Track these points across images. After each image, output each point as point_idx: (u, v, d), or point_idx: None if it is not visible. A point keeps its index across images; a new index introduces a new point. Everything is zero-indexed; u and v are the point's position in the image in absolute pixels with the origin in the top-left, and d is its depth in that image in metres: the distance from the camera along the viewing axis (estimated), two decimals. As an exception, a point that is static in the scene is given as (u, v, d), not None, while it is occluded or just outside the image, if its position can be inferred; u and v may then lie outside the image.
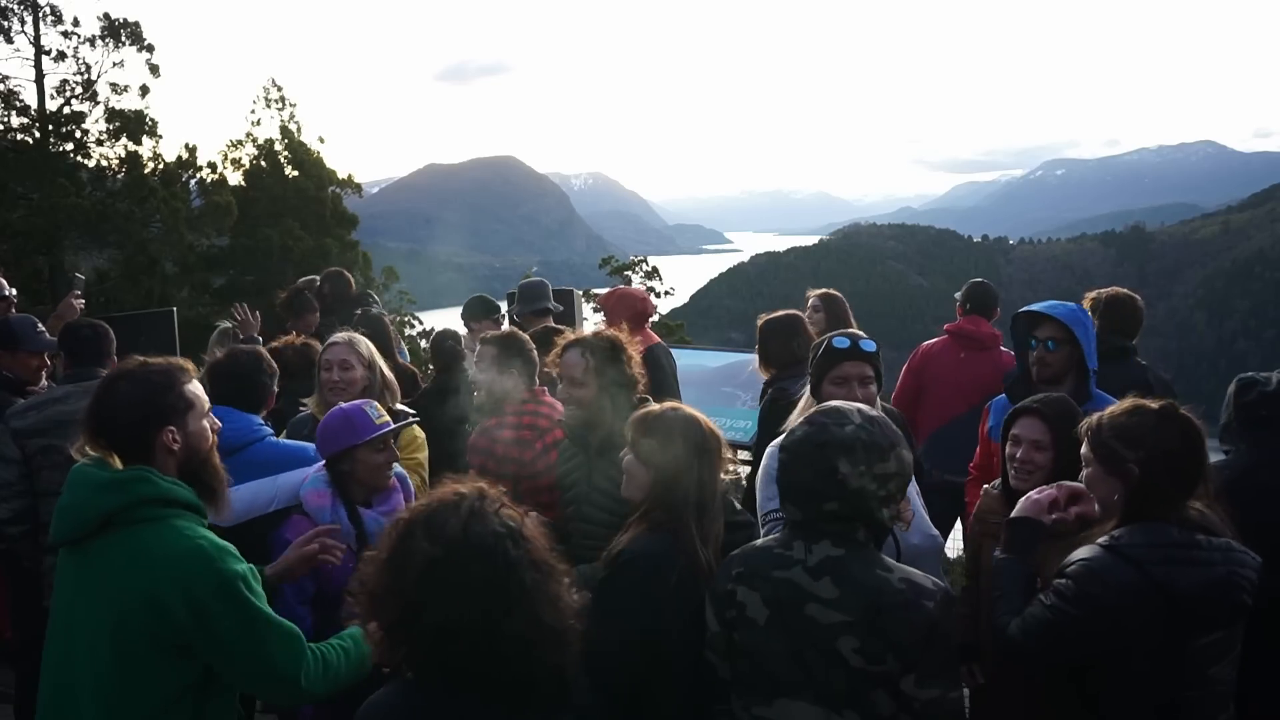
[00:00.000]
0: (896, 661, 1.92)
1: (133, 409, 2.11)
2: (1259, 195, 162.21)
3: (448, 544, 1.60)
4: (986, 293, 5.34)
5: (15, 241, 20.19)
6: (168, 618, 1.98)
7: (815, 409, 2.15)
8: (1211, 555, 2.10)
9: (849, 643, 1.94)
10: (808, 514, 2.04)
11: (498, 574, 1.60)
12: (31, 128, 21.28)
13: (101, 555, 2.05)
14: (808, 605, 1.99)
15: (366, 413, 2.97)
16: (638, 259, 33.00)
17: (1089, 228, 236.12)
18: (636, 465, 2.47)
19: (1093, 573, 2.11)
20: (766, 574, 2.06)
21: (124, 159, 22.03)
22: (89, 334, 3.82)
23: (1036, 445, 2.74)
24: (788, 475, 2.08)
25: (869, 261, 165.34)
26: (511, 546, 1.63)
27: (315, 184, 25.86)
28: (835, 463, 1.99)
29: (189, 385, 2.21)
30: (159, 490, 2.07)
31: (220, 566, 2.01)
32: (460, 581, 1.58)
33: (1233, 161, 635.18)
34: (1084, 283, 66.13)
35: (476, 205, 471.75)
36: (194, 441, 2.19)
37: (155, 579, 1.98)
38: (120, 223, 20.75)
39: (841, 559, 2.00)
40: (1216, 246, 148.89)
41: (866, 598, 1.95)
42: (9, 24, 21.05)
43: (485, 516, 1.65)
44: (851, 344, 2.96)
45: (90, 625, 2.05)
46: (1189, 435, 2.18)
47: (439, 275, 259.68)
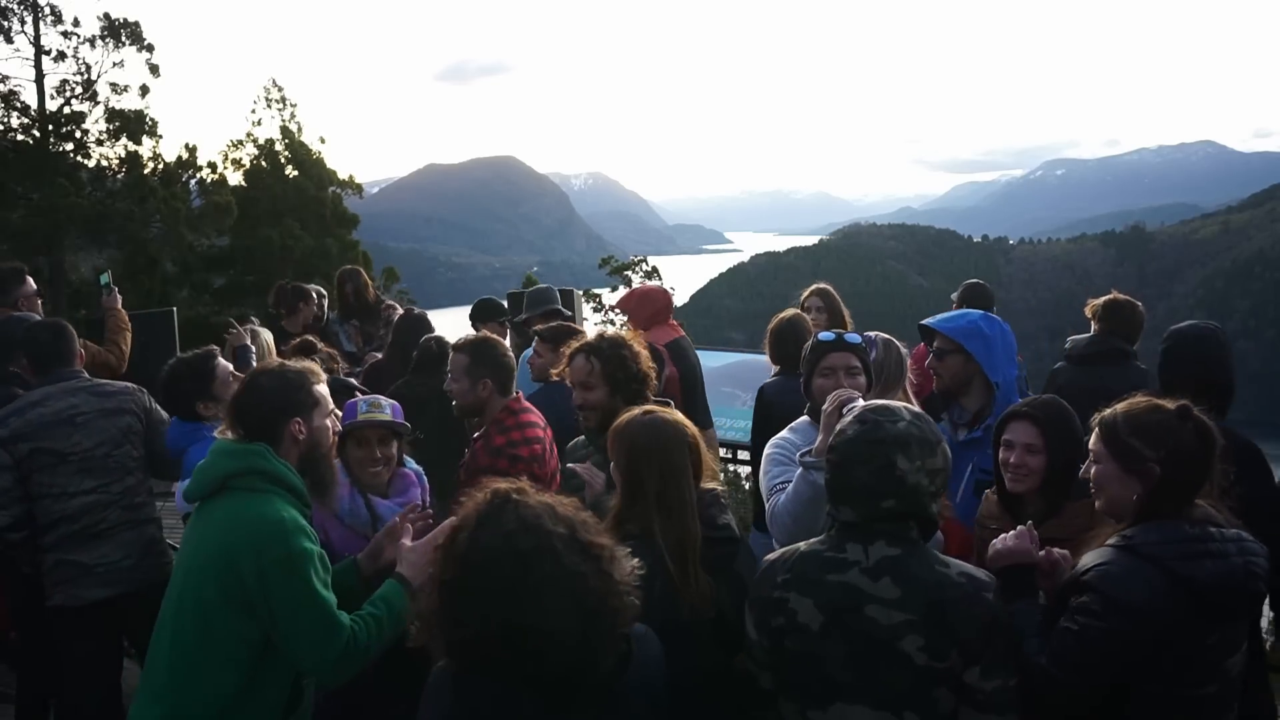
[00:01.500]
0: (960, 656, 1.93)
1: (269, 400, 2.44)
2: (1259, 195, 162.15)
3: (456, 561, 1.69)
4: (982, 293, 5.38)
5: (15, 241, 20.19)
6: (237, 573, 2.23)
7: (863, 407, 2.12)
8: (1226, 547, 2.10)
9: (914, 641, 1.93)
10: (863, 513, 2.01)
11: (505, 572, 1.63)
12: (31, 128, 21.28)
13: (212, 513, 2.35)
14: (868, 607, 1.97)
15: (356, 406, 3.05)
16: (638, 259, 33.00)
17: (1089, 228, 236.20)
18: (616, 473, 2.48)
19: (1114, 577, 2.08)
20: (819, 579, 2.02)
21: (124, 159, 22.04)
22: (48, 338, 3.75)
23: (1029, 449, 2.73)
24: (842, 475, 2.04)
25: (869, 261, 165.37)
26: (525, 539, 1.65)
27: (315, 184, 25.87)
28: (893, 459, 1.99)
29: (318, 386, 2.54)
30: (270, 465, 2.36)
31: (293, 541, 2.26)
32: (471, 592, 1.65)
33: (1233, 161, 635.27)
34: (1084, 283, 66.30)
35: (476, 205, 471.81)
36: (317, 436, 2.49)
37: (237, 537, 2.25)
38: (120, 223, 20.75)
39: (899, 558, 1.99)
40: (1216, 246, 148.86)
41: (929, 595, 1.94)
42: (9, 24, 21.05)
43: (495, 519, 1.69)
44: (836, 336, 3.08)
45: (184, 569, 2.35)
46: (1205, 436, 2.18)
47: (439, 275, 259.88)
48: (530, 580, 1.62)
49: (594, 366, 3.14)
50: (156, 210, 21.28)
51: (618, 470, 2.44)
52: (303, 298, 6.35)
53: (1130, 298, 4.56)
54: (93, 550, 3.51)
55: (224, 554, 2.25)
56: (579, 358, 3.20)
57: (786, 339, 4.56)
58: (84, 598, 3.49)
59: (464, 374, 3.59)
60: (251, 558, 2.22)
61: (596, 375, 3.13)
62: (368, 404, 3.07)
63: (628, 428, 2.45)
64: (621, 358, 3.15)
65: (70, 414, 3.56)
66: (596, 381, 3.13)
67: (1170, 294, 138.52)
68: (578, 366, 3.19)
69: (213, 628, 2.26)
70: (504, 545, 1.65)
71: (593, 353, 3.17)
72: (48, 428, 3.52)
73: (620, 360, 3.14)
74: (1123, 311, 4.44)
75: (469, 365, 3.58)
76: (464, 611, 1.64)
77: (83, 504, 3.52)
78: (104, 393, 3.67)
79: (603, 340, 3.22)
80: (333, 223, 25.83)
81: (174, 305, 12.10)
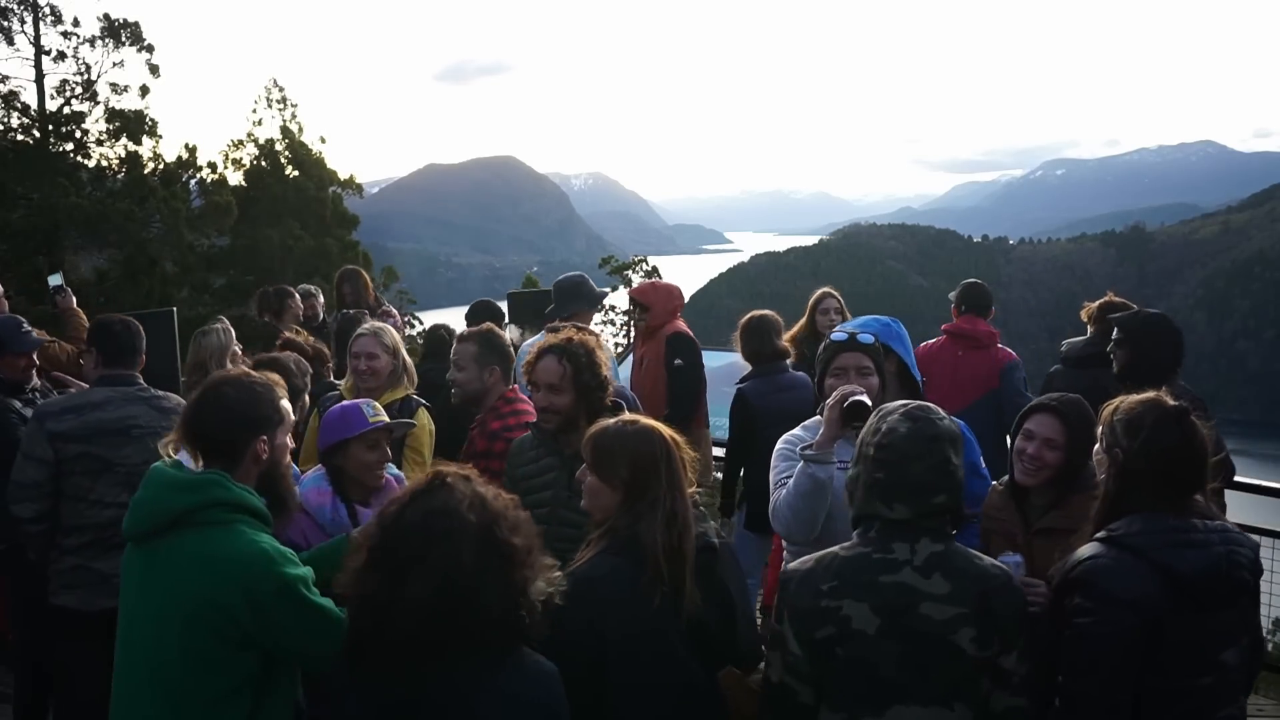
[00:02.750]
0: (1000, 642, 2.01)
1: (234, 414, 2.25)
2: (1259, 195, 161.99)
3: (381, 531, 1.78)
4: (981, 292, 5.39)
5: (15, 241, 20.21)
6: (232, 616, 2.09)
7: (903, 407, 2.13)
8: (1209, 536, 2.14)
9: (967, 634, 1.98)
10: (917, 510, 2.04)
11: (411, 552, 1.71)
12: (31, 128, 21.28)
13: (170, 553, 2.15)
14: (923, 605, 2.00)
15: (362, 410, 3.02)
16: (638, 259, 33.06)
17: (1089, 228, 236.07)
18: (599, 485, 2.33)
19: (1101, 571, 2.12)
20: (871, 581, 2.02)
21: (124, 159, 22.05)
22: (122, 330, 3.74)
23: (1049, 444, 2.74)
24: (898, 472, 2.05)
25: (869, 261, 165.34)
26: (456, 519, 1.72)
27: (316, 184, 25.87)
28: (948, 454, 2.05)
29: (283, 400, 2.37)
30: (230, 495, 2.18)
31: (280, 570, 2.13)
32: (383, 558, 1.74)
33: (1233, 161, 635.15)
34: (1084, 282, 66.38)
35: (476, 205, 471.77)
36: (278, 454, 2.33)
37: (220, 581, 2.09)
38: (120, 223, 20.72)
39: (944, 554, 2.04)
40: (1216, 246, 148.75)
41: (977, 586, 2.01)
42: (9, 24, 21.05)
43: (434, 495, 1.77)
44: (849, 336, 3.02)
45: (154, 620, 2.15)
46: (1190, 437, 2.20)
47: (439, 275, 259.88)
48: (428, 559, 1.69)
49: (566, 370, 3.04)
50: (156, 210, 21.28)
51: (609, 477, 2.31)
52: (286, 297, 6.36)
53: (1125, 300, 4.58)
54: (113, 560, 3.42)
55: (208, 599, 2.09)
56: (550, 359, 3.07)
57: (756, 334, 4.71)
58: (96, 604, 3.45)
59: (472, 361, 3.66)
60: (241, 597, 2.08)
61: (567, 379, 3.03)
62: (370, 407, 3.05)
63: (623, 436, 2.33)
64: (594, 363, 3.07)
65: (128, 424, 3.52)
66: (566, 385, 3.03)
67: (1170, 294, 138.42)
68: (548, 368, 3.06)
69: (211, 673, 2.13)
70: (420, 523, 1.72)
71: (566, 355, 3.06)
72: (103, 435, 3.48)
73: (592, 366, 3.06)
74: (1116, 311, 4.46)
75: (478, 354, 3.66)
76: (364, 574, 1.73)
77: (114, 515, 3.41)
78: (162, 408, 3.60)
79: (574, 344, 3.10)
80: (333, 223, 25.83)
81: (174, 305, 12.09)
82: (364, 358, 3.89)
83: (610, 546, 2.26)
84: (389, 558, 1.72)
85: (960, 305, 5.36)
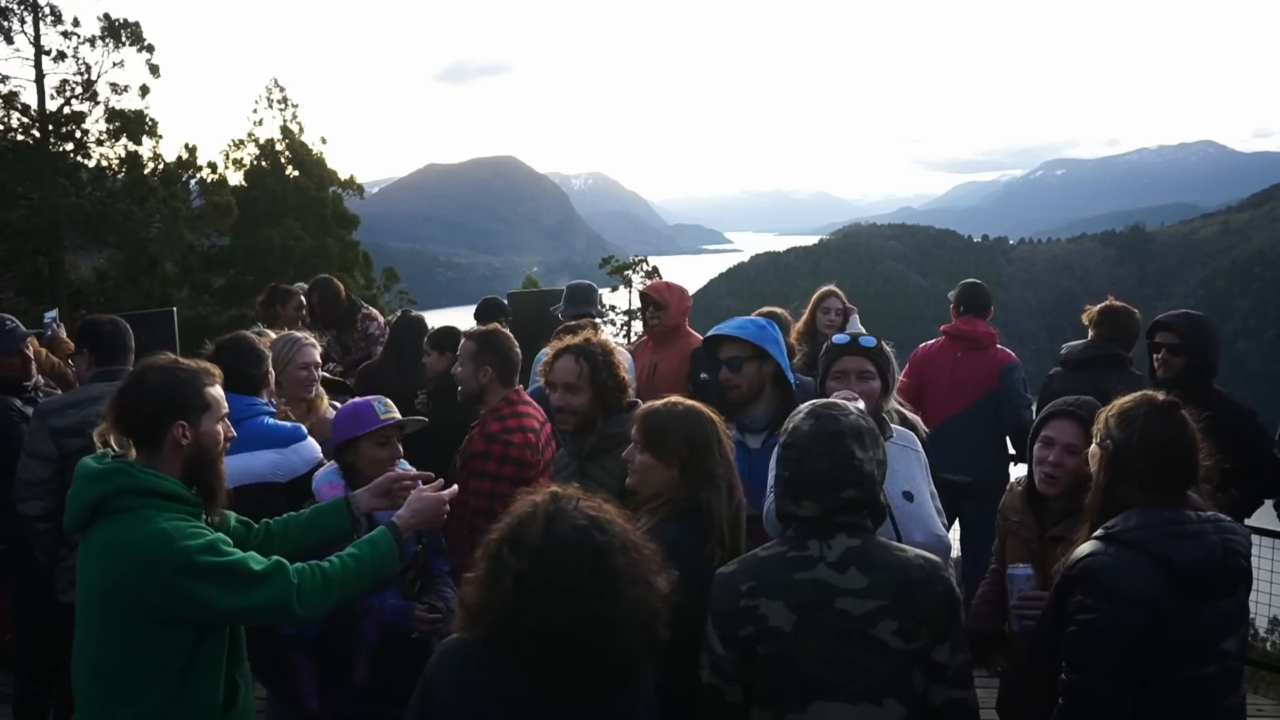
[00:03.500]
0: (929, 635, 1.99)
1: (152, 398, 2.24)
2: (1259, 195, 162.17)
3: (532, 554, 1.70)
4: (980, 293, 5.37)
5: (15, 241, 20.24)
6: (143, 596, 2.12)
7: (810, 406, 2.18)
8: (1203, 526, 2.16)
9: (888, 626, 1.97)
10: (825, 506, 2.05)
11: (586, 564, 1.69)
12: (31, 128, 21.32)
13: (90, 544, 2.20)
14: (839, 600, 2.00)
15: (374, 407, 3.03)
16: (638, 259, 33.08)
17: (1089, 228, 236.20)
18: (653, 463, 2.47)
19: (1100, 568, 2.14)
20: (785, 580, 2.03)
21: (124, 159, 22.09)
22: (111, 330, 3.78)
23: (1070, 449, 2.71)
24: (802, 470, 2.08)
25: (869, 261, 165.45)
26: (598, 534, 1.72)
27: (316, 184, 25.91)
28: (851, 448, 2.05)
29: (211, 388, 2.33)
30: (135, 481, 2.19)
31: (179, 546, 2.12)
32: (552, 584, 1.68)
33: (1233, 161, 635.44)
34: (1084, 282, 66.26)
35: (476, 205, 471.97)
36: (205, 441, 2.29)
37: (125, 565, 2.12)
38: (120, 223, 20.76)
39: (861, 548, 2.03)
40: (1216, 246, 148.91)
41: (896, 579, 2.00)
42: (9, 24, 21.11)
43: (564, 514, 1.74)
44: (851, 339, 3.01)
45: (83, 608, 2.22)
46: (1179, 432, 2.23)
47: (439, 275, 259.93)
48: (604, 573, 1.68)
49: (583, 370, 3.06)
50: (156, 210, 21.31)
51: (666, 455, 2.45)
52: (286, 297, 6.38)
53: (1126, 304, 4.57)
54: None
55: (120, 583, 2.14)
56: (567, 358, 3.10)
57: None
58: None
59: (469, 359, 3.68)
60: (151, 578, 2.11)
61: (584, 379, 3.05)
62: (381, 404, 3.05)
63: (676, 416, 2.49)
64: (611, 364, 3.09)
65: None
66: (583, 385, 3.05)
67: (1170, 294, 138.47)
68: (566, 368, 3.09)
69: (135, 653, 2.17)
70: (579, 538, 1.71)
71: (584, 356, 3.08)
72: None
73: (610, 367, 3.08)
74: (1118, 317, 4.45)
75: (475, 352, 3.67)
76: (538, 603, 1.67)
77: None
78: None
79: (592, 344, 3.13)
80: (333, 223, 25.86)
81: (174, 305, 12.10)
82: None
83: (670, 515, 2.39)
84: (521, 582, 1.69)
85: (959, 306, 5.34)
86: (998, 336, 5.32)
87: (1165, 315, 4.03)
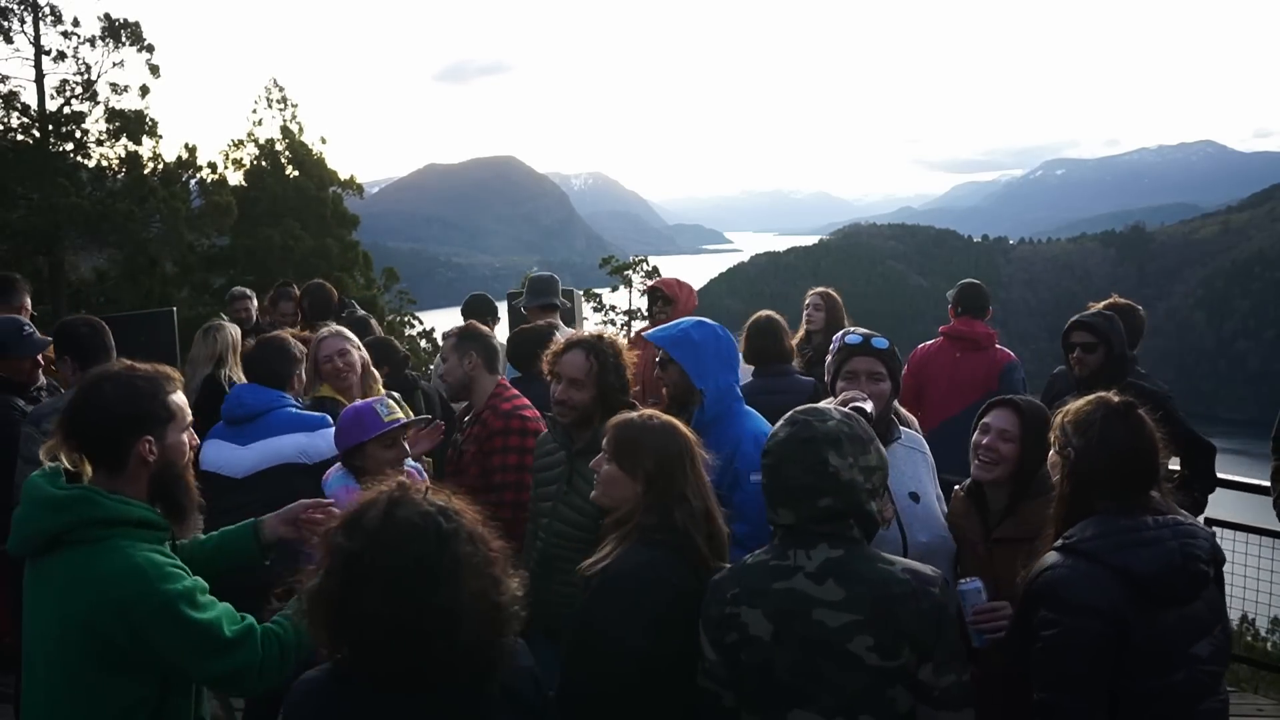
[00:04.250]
0: (912, 653, 1.93)
1: (113, 414, 2.04)
2: (1259, 195, 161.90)
3: (366, 536, 1.62)
4: (978, 293, 5.37)
5: (15, 241, 20.20)
6: (109, 639, 1.94)
7: (793, 410, 2.13)
8: (1160, 533, 2.14)
9: (863, 641, 1.93)
10: (801, 514, 2.01)
11: (429, 548, 1.61)
12: (31, 128, 21.29)
13: (49, 573, 2.00)
14: (815, 611, 1.96)
15: (376, 410, 3.02)
16: (638, 259, 33.06)
17: (1089, 228, 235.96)
18: (618, 474, 2.35)
19: (1059, 581, 2.14)
20: (765, 588, 2.01)
21: (124, 159, 22.06)
22: (87, 331, 3.80)
23: (1003, 435, 2.75)
24: (778, 477, 2.04)
25: (869, 261, 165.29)
26: (444, 520, 1.65)
27: (316, 184, 25.88)
28: (825, 455, 1.99)
29: (173, 395, 2.14)
30: (104, 511, 1.99)
31: (159, 587, 1.94)
32: (385, 567, 1.59)
33: (1233, 161, 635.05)
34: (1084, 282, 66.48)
35: (476, 205, 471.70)
36: (170, 454, 2.11)
37: (93, 602, 1.93)
38: (120, 223, 20.74)
39: (842, 559, 1.98)
40: (1216, 246, 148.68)
41: (874, 593, 1.94)
42: (9, 24, 21.08)
43: (408, 501, 1.67)
44: (863, 340, 2.96)
45: (42, 641, 2.02)
46: (1138, 433, 2.23)
47: (439, 275, 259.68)
48: (446, 559, 1.61)
49: (592, 366, 3.03)
50: (156, 210, 21.29)
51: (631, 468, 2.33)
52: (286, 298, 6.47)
53: (1130, 302, 4.56)
54: None
55: (82, 623, 1.93)
56: (577, 353, 3.06)
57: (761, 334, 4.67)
58: None
59: (452, 351, 3.76)
60: (117, 620, 1.92)
61: (591, 376, 3.03)
62: (384, 406, 3.04)
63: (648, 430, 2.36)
64: (619, 364, 3.08)
65: None
66: (589, 382, 3.03)
67: (1170, 294, 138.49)
68: (574, 362, 3.05)
69: (96, 697, 1.97)
70: (423, 523, 1.63)
71: (594, 352, 3.05)
72: None
73: (617, 368, 3.07)
74: (1122, 315, 4.44)
75: (456, 343, 3.76)
76: (369, 589, 1.59)
77: None
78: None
79: (603, 341, 3.12)
80: (333, 223, 25.83)
81: (174, 305, 12.10)
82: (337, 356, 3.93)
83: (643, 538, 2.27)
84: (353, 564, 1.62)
85: (957, 306, 5.34)
86: (996, 336, 5.32)
87: (1079, 316, 4.16)
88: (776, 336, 4.68)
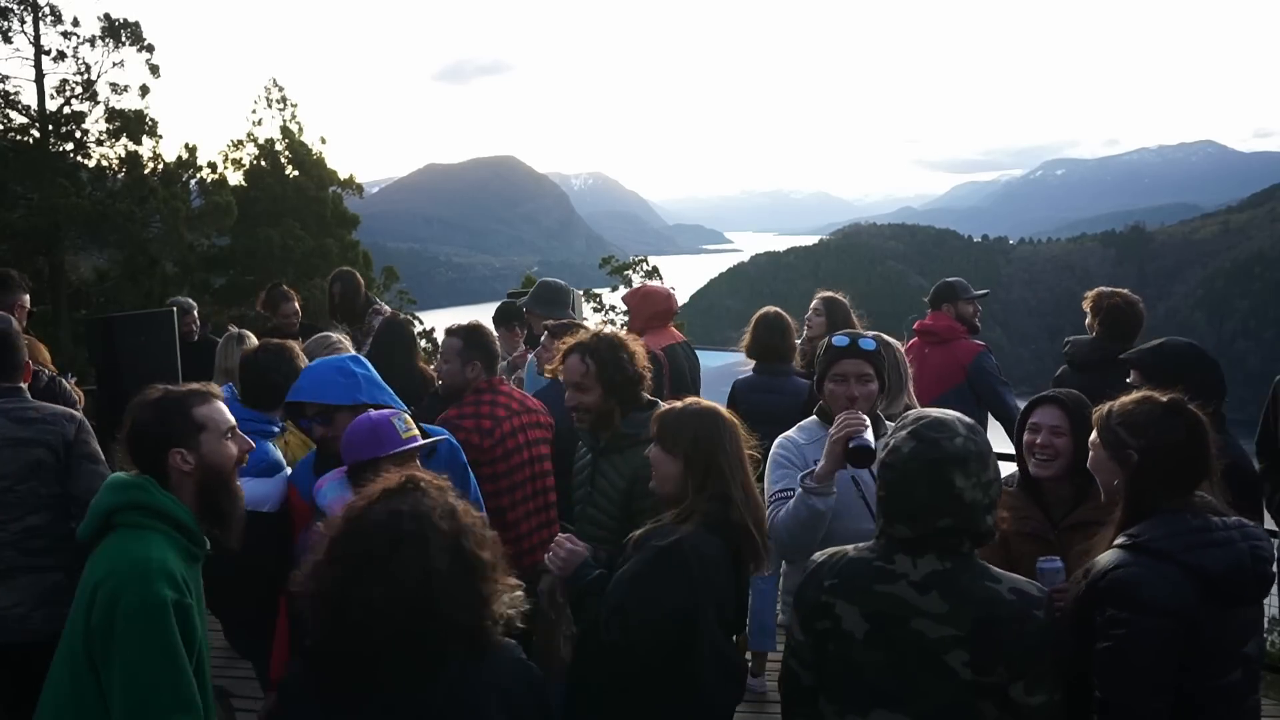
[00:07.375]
0: (1006, 671, 1.92)
1: (147, 432, 2.24)
2: (1259, 195, 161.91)
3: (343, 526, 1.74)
4: (945, 287, 5.39)
5: (15, 241, 20.21)
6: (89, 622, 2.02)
7: (918, 422, 2.05)
8: (1229, 534, 2.13)
9: (959, 656, 1.92)
10: (918, 531, 1.98)
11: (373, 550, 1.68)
12: (31, 128, 21.32)
13: (94, 553, 2.16)
14: (914, 620, 1.96)
15: (394, 425, 2.83)
16: (638, 259, 33.02)
17: (1089, 228, 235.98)
18: (660, 454, 2.51)
19: (1131, 580, 2.09)
20: (866, 588, 2.01)
21: (124, 159, 22.09)
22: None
23: (1055, 431, 2.74)
24: (897, 494, 2.00)
25: (869, 261, 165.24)
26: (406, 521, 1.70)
27: (316, 184, 25.90)
28: (951, 478, 1.95)
29: (200, 408, 2.28)
30: (152, 498, 2.16)
31: (151, 587, 2.01)
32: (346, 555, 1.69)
33: (1233, 161, 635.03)
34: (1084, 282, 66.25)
35: (476, 205, 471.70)
36: (209, 461, 2.25)
37: (100, 578, 2.06)
38: (120, 223, 20.78)
39: (948, 572, 1.97)
40: (1216, 246, 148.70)
41: (977, 611, 1.93)
42: (9, 24, 21.11)
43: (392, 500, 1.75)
44: (850, 342, 2.98)
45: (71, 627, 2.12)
46: (1193, 428, 2.21)
47: (439, 275, 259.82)
48: (393, 560, 1.66)
49: (589, 368, 3.08)
50: (156, 210, 21.32)
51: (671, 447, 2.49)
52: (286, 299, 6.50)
53: (1127, 295, 4.51)
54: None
55: (87, 600, 2.04)
56: (573, 358, 3.13)
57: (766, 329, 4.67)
58: None
59: (456, 355, 3.76)
60: (106, 599, 1.99)
61: (591, 377, 3.07)
62: (402, 422, 2.86)
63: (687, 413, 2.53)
64: (618, 360, 3.09)
65: None
66: (591, 383, 3.07)
67: (1170, 294, 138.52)
68: (572, 367, 3.12)
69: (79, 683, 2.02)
70: (387, 521, 1.70)
71: (588, 353, 3.10)
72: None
73: (617, 363, 3.08)
74: (1120, 314, 4.40)
75: (462, 348, 3.75)
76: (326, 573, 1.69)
77: None
78: (24, 419, 3.16)
79: (599, 340, 3.14)
80: (333, 223, 25.85)
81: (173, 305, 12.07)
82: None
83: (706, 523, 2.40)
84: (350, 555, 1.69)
85: (932, 303, 5.39)
86: (963, 330, 5.24)
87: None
88: (782, 333, 4.68)
